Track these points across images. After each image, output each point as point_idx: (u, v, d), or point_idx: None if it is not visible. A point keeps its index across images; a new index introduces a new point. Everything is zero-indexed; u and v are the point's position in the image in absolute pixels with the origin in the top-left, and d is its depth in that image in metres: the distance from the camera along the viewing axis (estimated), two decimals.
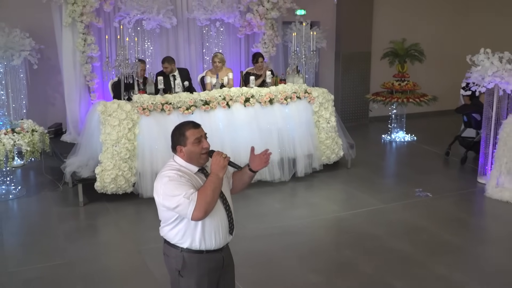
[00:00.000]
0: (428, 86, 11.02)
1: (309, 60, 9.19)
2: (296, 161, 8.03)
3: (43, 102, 9.65)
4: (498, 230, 6.46)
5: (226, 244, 3.50)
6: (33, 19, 9.05)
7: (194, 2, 9.53)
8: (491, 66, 7.20)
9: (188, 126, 3.32)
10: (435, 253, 5.63)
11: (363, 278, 5.14)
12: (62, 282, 5.09)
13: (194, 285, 3.37)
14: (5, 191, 7.40)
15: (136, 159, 7.05)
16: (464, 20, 12.80)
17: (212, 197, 3.16)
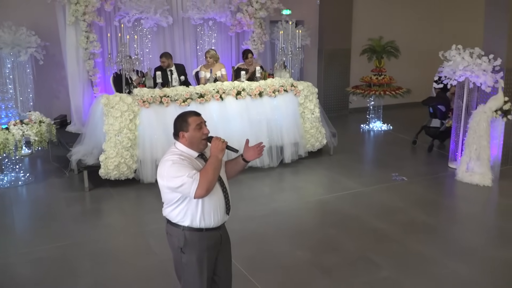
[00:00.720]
0: (402, 80, 11.07)
1: (295, 56, 9.20)
2: (284, 149, 8.05)
3: (48, 95, 9.56)
4: (468, 210, 6.52)
5: (223, 223, 3.54)
6: (38, 17, 8.94)
7: (188, 3, 9.48)
8: (462, 61, 7.23)
9: (190, 114, 3.37)
10: (411, 231, 5.69)
11: (346, 254, 5.18)
12: (71, 261, 5.08)
13: (195, 261, 3.41)
14: (14, 178, 7.35)
15: (137, 147, 7.02)
16: (437, 19, 12.84)
17: (213, 176, 3.21)
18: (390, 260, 5.02)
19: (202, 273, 3.45)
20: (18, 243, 5.50)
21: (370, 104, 10.80)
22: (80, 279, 4.71)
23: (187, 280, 3.50)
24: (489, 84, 7.12)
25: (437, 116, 8.93)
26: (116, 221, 6.29)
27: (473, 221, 6.13)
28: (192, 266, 3.44)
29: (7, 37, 8.35)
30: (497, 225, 5.99)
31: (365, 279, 4.66)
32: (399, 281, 4.62)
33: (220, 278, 3.68)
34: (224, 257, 3.67)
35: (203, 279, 3.47)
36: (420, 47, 12.26)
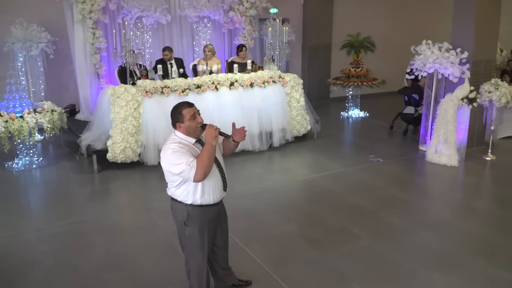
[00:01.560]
0: (378, 72, 11.08)
1: (282, 50, 9.21)
2: (272, 134, 8.06)
3: (58, 86, 9.45)
4: (437, 187, 6.62)
5: (221, 199, 3.59)
6: (48, 15, 8.79)
7: (185, 2, 9.38)
8: (431, 54, 7.27)
9: (184, 106, 3.38)
10: (386, 206, 5.76)
11: (329, 226, 5.24)
12: (84, 235, 5.09)
13: (197, 233, 3.48)
14: (29, 162, 7.29)
15: (141, 133, 7.00)
16: (408, 16, 12.84)
17: (208, 163, 3.25)
18: (368, 231, 5.09)
19: (203, 244, 3.52)
20: (35, 220, 5.48)
21: (349, 93, 10.83)
22: (93, 251, 4.73)
23: (190, 250, 3.57)
24: (456, 75, 7.18)
25: (412, 104, 9.00)
26: (123, 200, 6.29)
27: (441, 197, 6.23)
28: (194, 238, 3.50)
29: (19, 33, 8.23)
30: (462, 200, 6.08)
31: (346, 248, 4.73)
32: (377, 250, 4.70)
33: (218, 248, 3.77)
34: (222, 229, 3.75)
35: (204, 248, 3.54)
36: (393, 42, 12.28)
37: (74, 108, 9.33)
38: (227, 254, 3.91)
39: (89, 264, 4.48)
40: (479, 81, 7.56)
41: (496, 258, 4.53)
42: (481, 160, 7.48)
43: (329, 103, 12.12)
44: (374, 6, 12.38)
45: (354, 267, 4.37)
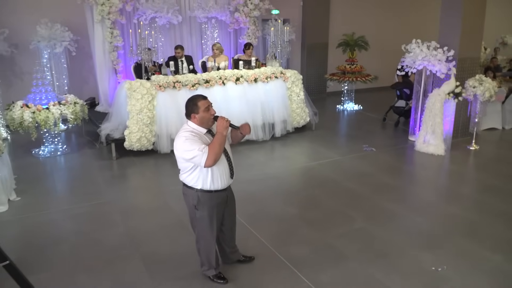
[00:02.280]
0: (371, 68, 11.05)
1: (283, 48, 9.16)
2: (274, 125, 8.06)
3: (80, 81, 9.47)
4: (425, 174, 6.61)
5: (229, 186, 3.60)
6: (70, 16, 8.78)
7: (195, 4, 9.34)
8: (420, 52, 7.24)
9: (199, 98, 3.39)
10: (379, 191, 5.77)
11: (326, 209, 5.26)
12: (104, 215, 5.12)
13: (206, 215, 3.50)
14: (53, 149, 7.33)
15: (155, 124, 7.01)
16: (400, 17, 12.78)
17: (219, 149, 3.27)
18: (363, 214, 5.10)
19: (211, 225, 3.55)
20: (60, 202, 5.52)
21: (344, 88, 10.80)
22: (113, 229, 4.76)
23: (200, 230, 3.61)
24: (443, 72, 7.15)
25: (403, 98, 8.98)
26: (140, 184, 6.32)
27: (429, 183, 6.23)
28: (204, 220, 3.53)
29: (44, 32, 8.23)
30: (448, 186, 6.08)
31: (342, 229, 4.75)
32: (370, 231, 4.71)
33: (226, 228, 3.80)
34: (230, 212, 3.78)
35: (212, 229, 3.58)
36: (385, 41, 12.23)
37: (94, 101, 9.33)
38: (234, 234, 3.94)
39: (110, 240, 4.51)
40: (465, 77, 7.52)
41: (478, 238, 4.55)
42: (466, 150, 7.47)
43: (326, 97, 12.10)
44: (368, 8, 12.32)
45: (349, 246, 4.38)
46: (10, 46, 8.21)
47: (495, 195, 5.64)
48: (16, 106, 6.71)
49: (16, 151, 7.51)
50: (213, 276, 3.76)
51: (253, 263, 4.08)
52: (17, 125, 6.61)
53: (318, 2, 11.52)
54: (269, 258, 4.17)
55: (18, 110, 6.62)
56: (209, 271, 3.76)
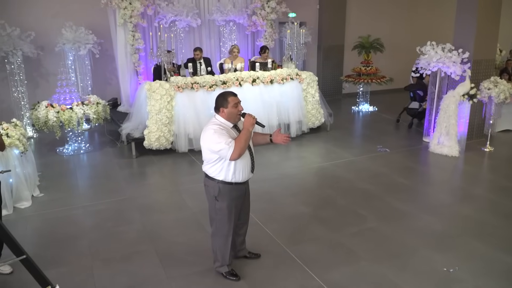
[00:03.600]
0: (386, 70, 10.89)
1: (299, 50, 9.10)
2: (290, 125, 8.00)
3: (103, 82, 9.57)
4: (438, 175, 6.47)
5: (248, 180, 3.59)
6: (94, 19, 8.88)
7: (213, 7, 9.33)
8: (435, 54, 7.08)
9: (230, 94, 3.46)
10: (392, 191, 5.67)
11: (339, 208, 5.19)
12: (124, 212, 5.16)
13: (226, 207, 3.54)
14: (77, 147, 7.42)
15: (173, 124, 7.03)
16: (415, 19, 12.55)
17: (244, 144, 3.32)
18: (375, 214, 5.01)
19: (230, 218, 3.57)
20: (82, 198, 5.58)
21: (360, 90, 10.66)
22: (131, 225, 4.79)
23: (218, 222, 3.62)
24: (457, 73, 6.99)
25: (416, 99, 8.82)
26: (158, 181, 6.34)
27: (442, 184, 6.08)
28: (223, 211, 3.55)
29: (69, 35, 8.33)
30: (461, 187, 5.93)
31: (354, 228, 4.67)
32: (382, 230, 4.63)
33: (241, 222, 3.82)
34: (246, 206, 3.81)
35: (230, 222, 3.59)
36: (401, 43, 12.02)
37: (116, 101, 9.41)
38: (246, 229, 3.93)
39: (128, 236, 4.54)
40: (479, 79, 7.33)
41: (491, 240, 4.41)
42: (480, 151, 7.28)
43: (341, 98, 11.96)
44: (383, 11, 12.14)
45: (361, 245, 4.31)
46: (37, 48, 8.34)
47: (508, 197, 5.48)
48: (41, 106, 6.82)
49: (42, 149, 7.64)
50: (226, 273, 3.74)
51: (265, 260, 4.04)
52: (42, 124, 6.72)
53: (334, 5, 11.40)
54: (281, 256, 4.13)
55: (43, 109, 6.72)
56: (222, 268, 3.74)
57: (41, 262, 3.98)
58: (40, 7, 8.64)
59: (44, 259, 4.08)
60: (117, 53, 8.74)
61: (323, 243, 4.36)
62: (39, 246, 4.35)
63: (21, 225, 4.81)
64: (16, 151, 5.15)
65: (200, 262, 3.99)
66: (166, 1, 8.87)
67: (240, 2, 9.57)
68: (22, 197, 5.23)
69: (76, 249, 4.28)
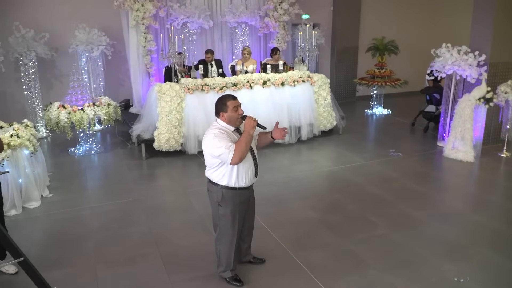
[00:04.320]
0: (401, 73, 10.73)
1: (311, 52, 9.01)
2: (301, 128, 7.92)
3: (115, 83, 9.64)
4: (452, 181, 6.30)
5: (252, 184, 3.54)
6: (107, 21, 8.95)
7: (225, 9, 9.33)
8: (450, 57, 6.93)
9: (229, 98, 3.40)
10: (403, 197, 5.54)
11: (348, 213, 5.09)
12: (131, 213, 5.15)
13: (230, 213, 3.49)
14: (88, 148, 7.47)
15: (183, 125, 7.02)
16: (430, 21, 12.35)
17: (245, 148, 3.26)
18: (385, 220, 4.90)
19: (234, 223, 3.52)
20: (90, 199, 5.59)
21: (373, 92, 10.52)
22: (137, 227, 4.77)
23: (222, 228, 3.57)
24: (473, 77, 6.82)
25: (433, 103, 8.65)
26: (166, 183, 6.32)
27: (456, 190, 5.92)
28: (227, 217, 3.50)
29: (82, 36, 8.41)
30: (476, 194, 5.76)
31: (363, 235, 4.57)
32: (392, 238, 4.51)
33: (245, 228, 3.75)
34: (250, 211, 3.74)
35: (234, 227, 3.54)
36: (416, 45, 11.83)
37: (128, 103, 9.48)
38: (251, 235, 3.87)
39: (133, 238, 4.52)
40: (496, 82, 7.13)
41: (505, 249, 4.27)
42: (496, 157, 7.08)
43: (355, 101, 11.84)
44: (398, 12, 11.98)
45: (370, 253, 4.21)
46: (51, 50, 8.44)
47: None
48: (53, 107, 6.88)
49: (54, 149, 7.71)
50: (229, 278, 3.69)
51: (270, 266, 3.97)
52: (53, 124, 6.78)
53: (349, 7, 11.28)
54: (286, 262, 4.05)
55: (55, 110, 6.78)
56: (225, 273, 3.69)
57: (46, 263, 4.01)
58: (54, 9, 8.74)
59: (49, 260, 4.09)
60: (129, 54, 8.78)
61: (331, 249, 4.28)
62: (45, 247, 4.36)
63: (29, 225, 4.84)
64: (26, 152, 5.20)
65: (203, 266, 3.95)
66: (178, 3, 8.90)
67: (253, 3, 9.55)
68: (32, 197, 5.27)
69: (82, 251, 4.28)
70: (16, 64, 8.30)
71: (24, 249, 4.19)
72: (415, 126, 9.08)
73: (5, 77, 8.44)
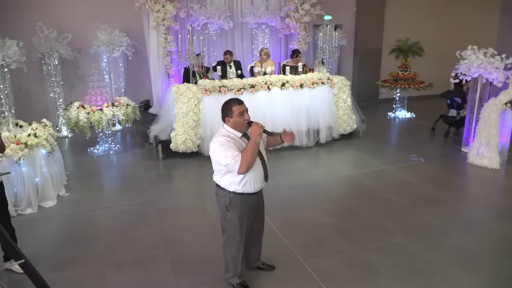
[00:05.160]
0: (426, 75, 10.46)
1: (331, 54, 8.86)
2: (319, 131, 7.81)
3: (136, 84, 9.74)
4: (476, 189, 6.06)
5: (261, 189, 3.48)
6: (128, 22, 9.05)
7: (246, 10, 9.30)
8: (476, 59, 6.69)
9: (234, 103, 3.31)
10: (423, 204, 5.36)
11: (363, 220, 4.95)
12: (144, 214, 5.16)
13: (237, 218, 3.43)
14: (107, 148, 7.56)
15: (200, 127, 7.02)
16: (457, 22, 12.01)
17: (251, 157, 3.19)
18: (402, 228, 4.74)
19: (242, 229, 3.47)
20: (105, 199, 5.64)
21: (396, 95, 10.28)
22: (148, 229, 4.77)
23: (229, 232, 3.52)
24: (500, 80, 6.56)
25: (454, 107, 8.38)
26: (181, 185, 6.33)
27: (479, 199, 5.68)
28: (234, 222, 3.45)
29: (104, 37, 8.52)
30: (500, 203, 5.50)
31: (378, 243, 4.43)
32: (408, 246, 4.36)
33: (254, 233, 3.70)
34: (259, 216, 3.68)
35: (242, 232, 3.48)
36: (441, 47, 11.53)
37: (148, 103, 9.56)
38: (261, 240, 3.81)
39: (144, 240, 4.52)
40: None
41: None
42: None
43: (378, 104, 11.61)
44: (423, 13, 11.70)
45: (384, 262, 4.08)
46: (73, 50, 8.60)
47: None
48: (73, 107, 6.99)
49: (74, 149, 7.85)
50: (236, 285, 3.63)
51: (279, 273, 3.90)
52: (73, 124, 6.88)
53: (373, 8, 11.08)
54: (295, 269, 3.97)
55: (74, 110, 6.89)
56: (233, 279, 3.64)
57: (56, 263, 4.05)
58: (77, 10, 8.90)
59: (60, 259, 4.14)
60: (150, 55, 8.86)
61: (343, 257, 4.16)
62: (57, 246, 4.41)
63: (43, 224, 4.91)
64: (43, 151, 5.28)
65: (212, 270, 3.90)
66: (199, 4, 8.93)
67: (274, 4, 9.48)
68: (48, 196, 5.35)
69: (92, 251, 4.31)
70: (39, 64, 8.50)
71: (36, 248, 4.29)
72: (435, 130, 8.82)
73: (29, 77, 8.64)
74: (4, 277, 3.56)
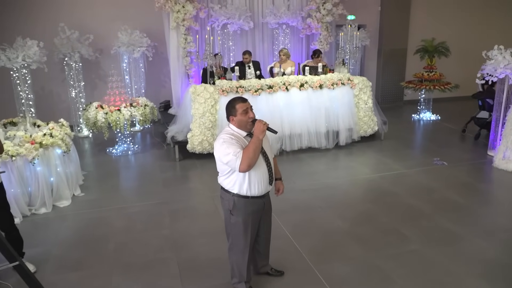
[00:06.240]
0: (452, 76, 10.13)
1: (353, 54, 8.67)
2: (339, 133, 7.65)
3: (156, 84, 9.81)
4: (501, 195, 5.78)
5: (267, 193, 3.38)
6: (148, 23, 9.12)
7: (266, 10, 9.21)
8: (503, 60, 6.40)
9: (238, 101, 3.25)
10: (443, 210, 5.15)
11: (378, 225, 4.79)
12: (156, 216, 5.14)
13: (241, 222, 3.35)
14: (126, 148, 7.62)
15: (217, 128, 6.97)
16: (484, 22, 11.57)
17: (253, 155, 3.11)
18: (419, 234, 4.56)
19: (246, 233, 3.38)
20: (119, 199, 5.66)
21: (421, 97, 9.98)
22: (159, 230, 4.75)
23: (234, 237, 3.45)
24: None
25: (485, 108, 8.06)
26: (196, 186, 6.28)
27: (503, 205, 5.41)
28: (238, 226, 3.36)
29: (124, 38, 8.61)
30: None
31: (393, 250, 4.26)
32: (425, 254, 4.18)
33: (261, 239, 3.61)
34: (266, 221, 3.58)
35: (247, 237, 3.39)
36: (468, 47, 11.13)
37: (168, 104, 9.60)
38: (268, 246, 3.71)
39: (153, 241, 4.50)
40: None
41: None
42: None
43: (402, 105, 11.32)
44: (449, 13, 11.33)
45: (399, 270, 3.91)
46: (95, 51, 8.72)
47: None
48: (91, 107, 7.07)
49: (93, 149, 7.95)
50: None
51: (288, 279, 3.79)
52: (91, 124, 6.96)
53: (398, 7, 10.81)
54: (306, 275, 3.86)
55: (93, 110, 6.96)
56: (239, 285, 3.56)
57: (65, 264, 4.07)
58: (98, 11, 9.04)
59: (69, 260, 4.16)
60: (170, 56, 8.89)
61: (356, 264, 4.02)
62: (68, 247, 4.43)
63: (56, 224, 4.96)
64: (58, 151, 5.35)
65: (219, 275, 3.84)
66: (219, 4, 8.91)
67: (295, 4, 9.37)
68: (63, 196, 5.41)
69: (101, 252, 4.31)
70: (61, 65, 8.65)
71: (47, 248, 4.32)
72: (466, 133, 8.50)
73: (51, 77, 8.82)
74: (12, 277, 3.59)
